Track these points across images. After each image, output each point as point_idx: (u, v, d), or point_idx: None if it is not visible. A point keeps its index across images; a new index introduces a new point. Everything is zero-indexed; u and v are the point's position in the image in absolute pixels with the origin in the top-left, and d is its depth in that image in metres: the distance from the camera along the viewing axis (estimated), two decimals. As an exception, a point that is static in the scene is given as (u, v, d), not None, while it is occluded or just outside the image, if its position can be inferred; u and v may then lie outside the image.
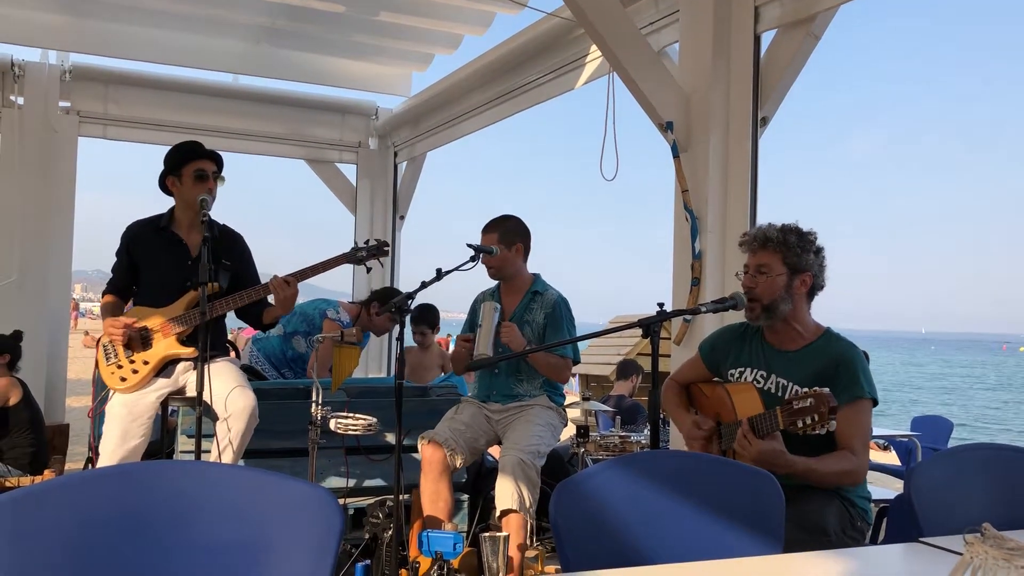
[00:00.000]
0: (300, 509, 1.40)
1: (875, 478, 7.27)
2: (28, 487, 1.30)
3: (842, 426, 2.54)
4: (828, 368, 2.68)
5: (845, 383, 2.63)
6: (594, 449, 4.21)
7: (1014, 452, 2.20)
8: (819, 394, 2.38)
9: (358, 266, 3.70)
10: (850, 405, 2.60)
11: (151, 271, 3.65)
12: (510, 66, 5.79)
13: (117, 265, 3.72)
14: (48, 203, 6.34)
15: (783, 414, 2.44)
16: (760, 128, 3.95)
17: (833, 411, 2.36)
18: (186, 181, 3.61)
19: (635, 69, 3.98)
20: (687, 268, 4.00)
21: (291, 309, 3.68)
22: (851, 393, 2.62)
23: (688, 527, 1.79)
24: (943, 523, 1.90)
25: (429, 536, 3.15)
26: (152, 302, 3.60)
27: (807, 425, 2.38)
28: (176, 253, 3.63)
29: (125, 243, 3.69)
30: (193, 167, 3.61)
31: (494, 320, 3.66)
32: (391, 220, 7.85)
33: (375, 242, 3.70)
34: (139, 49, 6.32)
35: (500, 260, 3.88)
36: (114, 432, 3.46)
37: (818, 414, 2.36)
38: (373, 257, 3.67)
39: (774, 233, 2.76)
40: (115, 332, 3.49)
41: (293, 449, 4.11)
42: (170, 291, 3.58)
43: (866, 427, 2.66)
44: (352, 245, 3.70)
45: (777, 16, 3.86)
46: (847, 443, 2.61)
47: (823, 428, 2.38)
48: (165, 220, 3.68)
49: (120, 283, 3.71)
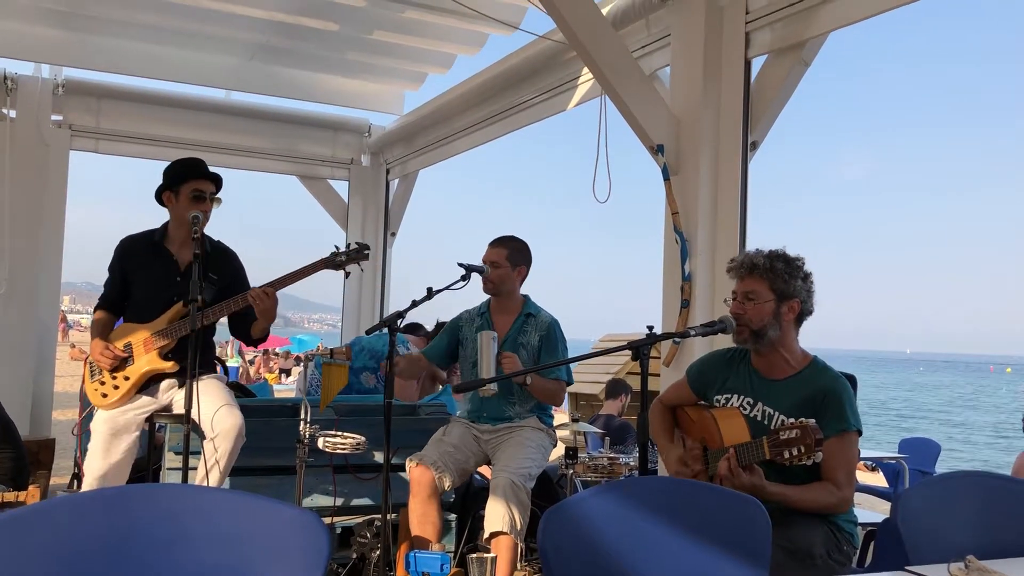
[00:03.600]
0: (288, 533, 1.40)
1: (862, 500, 7.27)
2: (14, 511, 1.29)
3: (827, 458, 2.55)
4: (815, 399, 2.68)
5: (832, 416, 2.63)
6: (583, 470, 4.20)
7: (998, 480, 2.22)
8: (806, 426, 2.38)
9: (337, 271, 3.68)
10: (837, 438, 2.61)
11: (140, 286, 3.65)
12: (502, 86, 5.83)
13: (109, 280, 3.71)
14: (39, 217, 6.31)
15: (769, 445, 2.45)
16: (750, 152, 3.99)
17: (819, 443, 2.37)
18: (183, 199, 3.59)
19: (626, 92, 4.02)
20: (677, 290, 4.02)
21: (273, 319, 3.63)
22: (838, 426, 2.63)
23: (676, 553, 1.79)
24: (929, 550, 1.91)
25: (417, 557, 3.14)
26: (139, 317, 3.60)
27: (793, 456, 2.39)
28: (166, 268, 3.62)
29: (117, 257, 3.69)
30: (192, 186, 3.59)
31: (493, 350, 3.64)
32: (382, 237, 7.85)
33: (355, 245, 3.67)
34: (132, 64, 6.33)
35: (502, 276, 3.90)
36: (97, 450, 3.44)
37: (804, 445, 2.37)
38: (353, 261, 3.64)
39: (761, 260, 2.77)
40: (103, 360, 3.49)
41: (281, 467, 4.08)
42: (157, 306, 3.57)
43: (852, 460, 2.68)
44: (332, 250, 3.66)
45: (768, 42, 3.91)
46: (831, 475, 2.62)
47: (809, 460, 2.40)
48: (158, 235, 3.68)
49: (112, 298, 3.70)
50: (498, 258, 3.90)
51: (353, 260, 3.64)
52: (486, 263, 3.90)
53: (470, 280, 3.81)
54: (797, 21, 3.74)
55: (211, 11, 5.65)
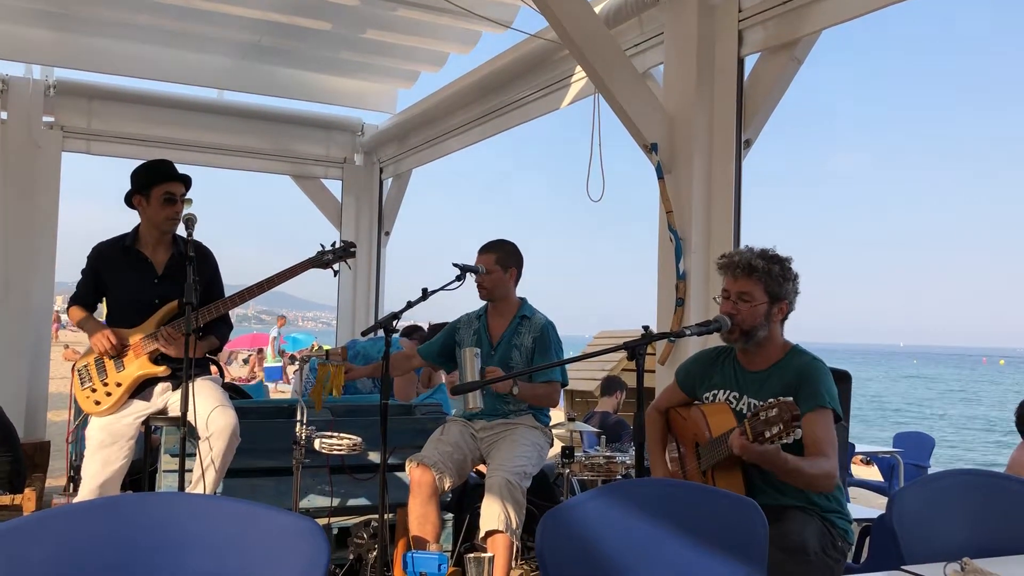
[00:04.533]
0: (286, 541, 1.40)
1: (857, 495, 7.30)
2: (12, 522, 1.29)
3: (809, 434, 2.60)
4: (792, 382, 2.73)
5: (807, 394, 2.67)
6: (579, 470, 4.20)
7: (993, 478, 2.24)
8: (782, 403, 2.42)
9: (325, 270, 3.67)
10: (812, 413, 2.64)
11: (118, 290, 3.63)
12: (495, 85, 5.82)
13: (82, 283, 3.67)
14: (31, 219, 6.29)
15: (750, 426, 2.48)
16: (744, 150, 3.99)
17: (796, 419, 2.39)
18: (153, 202, 3.56)
19: (619, 90, 4.02)
20: (671, 288, 4.03)
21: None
22: (812, 403, 2.66)
23: (673, 554, 1.80)
24: (925, 548, 1.92)
25: (414, 557, 3.13)
26: (123, 323, 3.58)
27: (773, 435, 2.42)
28: (141, 272, 3.60)
29: (91, 263, 3.65)
30: (162, 189, 3.56)
31: (477, 365, 3.63)
32: (376, 236, 7.84)
33: (341, 243, 3.66)
34: (124, 64, 6.31)
35: (494, 281, 3.90)
36: (95, 457, 3.44)
37: (783, 423, 2.40)
38: (340, 259, 3.64)
39: (759, 263, 2.78)
40: (105, 344, 3.46)
41: (277, 468, 4.08)
42: (139, 310, 3.56)
43: (832, 434, 2.69)
44: (318, 248, 3.65)
45: (761, 40, 3.91)
46: (818, 449, 2.64)
47: (789, 437, 2.43)
48: (130, 239, 3.65)
49: (84, 300, 3.67)
50: (488, 264, 3.90)
51: (340, 258, 3.64)
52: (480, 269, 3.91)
53: (465, 280, 3.81)
54: (790, 19, 3.75)
55: (203, 11, 5.63)
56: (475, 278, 3.88)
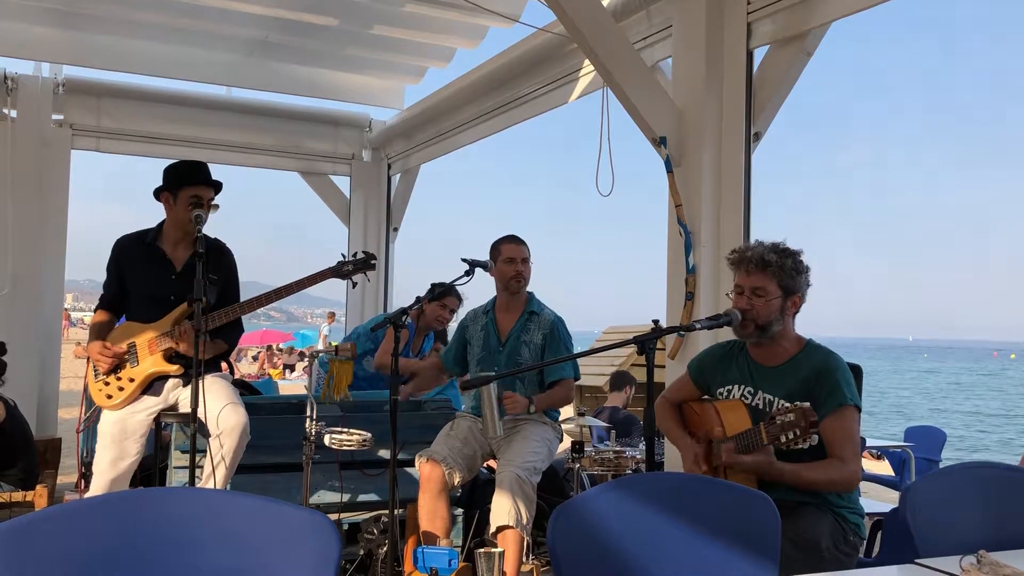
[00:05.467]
0: (298, 536, 1.40)
1: (868, 489, 7.27)
2: (25, 517, 1.29)
3: (828, 435, 2.60)
4: (810, 379, 2.72)
5: (827, 392, 2.66)
6: (589, 464, 4.20)
7: (1008, 470, 2.22)
8: (800, 408, 2.42)
9: (344, 280, 3.68)
10: (834, 413, 2.64)
11: (137, 285, 3.65)
12: (503, 80, 5.81)
13: (107, 280, 3.71)
14: (41, 216, 6.31)
15: (766, 430, 2.48)
16: (753, 143, 3.97)
17: (814, 425, 2.40)
18: (180, 203, 3.57)
19: (628, 84, 4.00)
20: (681, 282, 4.01)
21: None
22: (834, 401, 2.66)
23: (685, 549, 1.79)
24: (939, 542, 1.91)
25: (424, 552, 3.14)
26: (141, 317, 3.60)
27: (789, 440, 2.43)
28: (160, 267, 3.62)
29: (114, 257, 3.69)
30: (191, 192, 3.57)
31: (494, 395, 3.62)
32: (384, 232, 7.85)
33: (362, 255, 3.66)
34: (132, 62, 6.31)
35: (529, 271, 3.96)
36: (107, 451, 3.46)
37: (799, 428, 2.41)
38: (360, 271, 3.64)
39: (772, 257, 2.78)
40: (102, 361, 3.49)
41: (287, 464, 4.09)
42: (157, 306, 3.57)
43: (854, 433, 2.68)
44: (339, 259, 3.65)
45: (770, 32, 3.89)
46: (836, 452, 2.64)
47: (805, 442, 2.43)
48: (152, 235, 3.67)
49: (110, 298, 3.70)
50: (527, 254, 3.94)
51: (360, 270, 3.64)
52: (517, 259, 3.92)
53: (474, 275, 3.81)
54: (799, 11, 3.72)
55: (210, 8, 5.63)
56: (516, 268, 3.89)
